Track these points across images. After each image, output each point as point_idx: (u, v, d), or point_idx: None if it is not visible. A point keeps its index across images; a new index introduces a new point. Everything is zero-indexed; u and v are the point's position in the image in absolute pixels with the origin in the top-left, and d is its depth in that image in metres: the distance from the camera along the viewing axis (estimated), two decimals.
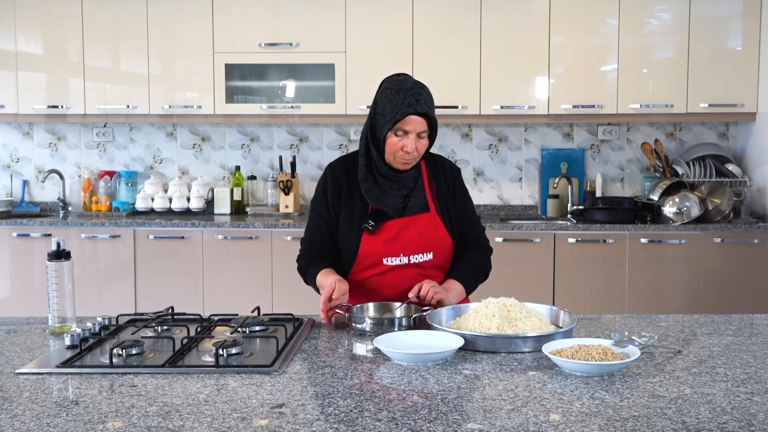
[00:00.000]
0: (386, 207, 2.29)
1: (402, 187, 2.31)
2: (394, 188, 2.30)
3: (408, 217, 2.31)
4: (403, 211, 2.31)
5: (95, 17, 4.72)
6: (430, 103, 2.22)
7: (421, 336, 1.94)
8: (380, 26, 4.63)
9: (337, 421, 1.41)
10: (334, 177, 2.37)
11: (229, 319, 2.18)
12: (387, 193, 2.30)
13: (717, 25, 4.56)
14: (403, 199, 2.31)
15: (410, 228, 2.30)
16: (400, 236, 2.30)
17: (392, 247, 2.30)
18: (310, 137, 5.11)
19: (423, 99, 2.20)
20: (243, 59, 4.71)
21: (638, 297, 4.38)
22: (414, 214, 2.32)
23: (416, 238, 2.30)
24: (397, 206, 2.30)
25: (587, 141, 5.03)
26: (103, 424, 1.41)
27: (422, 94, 2.21)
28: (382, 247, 2.29)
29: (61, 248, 2.06)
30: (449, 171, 2.43)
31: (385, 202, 2.29)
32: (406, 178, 2.31)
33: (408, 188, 2.32)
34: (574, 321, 2.00)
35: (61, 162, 5.21)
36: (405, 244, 2.30)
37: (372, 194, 2.29)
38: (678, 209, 4.40)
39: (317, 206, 2.40)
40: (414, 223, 2.31)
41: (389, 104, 2.21)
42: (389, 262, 2.31)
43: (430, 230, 2.32)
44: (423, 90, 2.22)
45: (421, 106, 2.19)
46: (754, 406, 1.49)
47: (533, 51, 4.59)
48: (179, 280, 4.54)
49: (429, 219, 2.33)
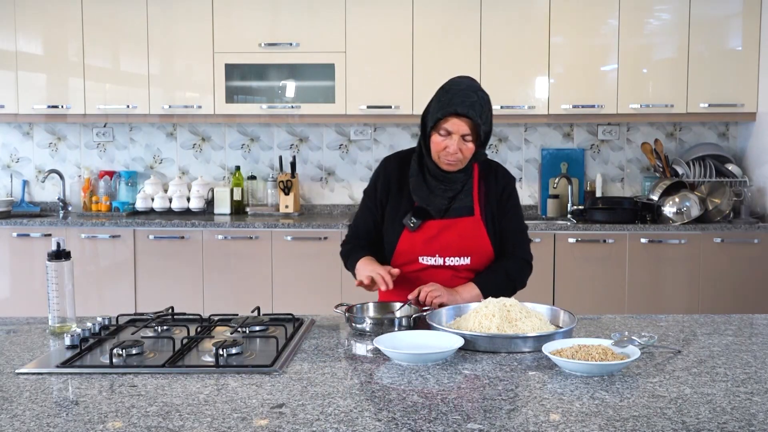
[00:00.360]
0: (430, 206, 2.29)
1: (449, 188, 2.29)
2: (441, 188, 2.28)
3: (450, 219, 2.29)
4: (446, 213, 2.29)
5: (95, 17, 4.72)
6: (478, 107, 2.16)
7: (421, 336, 1.94)
8: (380, 26, 4.63)
9: (337, 421, 1.41)
10: (386, 171, 2.40)
11: (229, 319, 2.18)
12: (434, 193, 2.28)
13: (717, 25, 4.56)
14: (448, 201, 2.29)
15: (450, 230, 2.29)
16: (438, 237, 2.29)
17: (429, 247, 2.29)
18: (310, 137, 5.11)
19: (470, 102, 2.15)
20: (243, 59, 4.71)
21: (638, 297, 4.38)
22: (457, 217, 2.29)
23: (455, 241, 2.29)
24: (441, 207, 2.29)
25: (587, 141, 5.03)
26: (103, 424, 1.41)
27: (472, 97, 2.17)
28: (420, 245, 2.30)
29: (61, 248, 2.06)
30: (502, 178, 2.37)
31: (430, 201, 2.28)
32: (455, 179, 2.28)
33: (455, 190, 2.29)
34: (574, 321, 2.00)
35: (61, 162, 5.21)
36: (442, 246, 2.29)
37: (419, 191, 2.29)
38: (678, 209, 4.40)
39: (367, 198, 2.44)
40: (455, 226, 2.29)
41: (437, 102, 2.22)
42: (425, 261, 2.31)
43: (471, 235, 2.29)
44: (476, 94, 2.18)
45: (463, 107, 2.15)
46: (754, 406, 1.49)
47: (533, 51, 4.59)
48: (179, 280, 4.54)
49: (471, 223, 2.30)
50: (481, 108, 2.18)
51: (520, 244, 2.38)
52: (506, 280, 2.31)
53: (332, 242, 4.45)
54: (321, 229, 4.48)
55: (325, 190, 5.13)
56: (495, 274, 2.31)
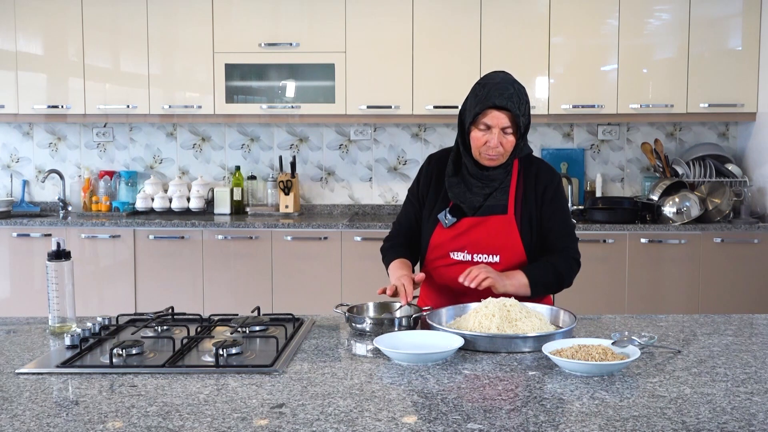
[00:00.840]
0: (464, 203, 2.28)
1: (486, 185, 2.27)
2: (478, 186, 2.27)
3: (481, 217, 2.28)
4: (479, 210, 2.28)
5: (95, 17, 4.72)
6: (516, 99, 2.16)
7: (421, 336, 1.94)
8: (380, 26, 4.62)
9: (337, 421, 1.41)
10: (429, 169, 2.41)
11: (229, 319, 2.18)
12: (470, 190, 2.27)
13: (717, 25, 4.56)
14: (483, 198, 2.27)
15: (480, 227, 2.28)
16: (468, 233, 2.28)
17: (457, 242, 2.29)
18: (310, 137, 5.11)
19: (507, 94, 2.15)
20: (243, 59, 4.71)
21: (638, 297, 4.38)
22: (488, 215, 2.27)
23: (484, 239, 2.27)
24: (475, 204, 2.27)
25: (587, 141, 5.03)
26: (103, 424, 1.41)
27: (509, 89, 2.17)
28: (449, 241, 2.29)
29: (61, 248, 2.06)
30: (543, 177, 2.33)
31: (465, 198, 2.27)
32: (494, 177, 2.26)
33: (492, 188, 2.28)
34: (574, 321, 2.00)
35: (61, 162, 5.21)
36: (470, 242, 2.28)
37: (455, 189, 2.29)
38: (678, 209, 4.40)
39: (410, 194, 2.45)
40: (485, 223, 2.27)
41: (474, 98, 2.22)
42: (455, 256, 2.30)
43: (501, 233, 2.27)
44: (512, 86, 2.18)
45: (502, 99, 2.14)
46: (754, 406, 1.49)
47: (533, 51, 4.59)
48: (179, 280, 4.54)
49: (503, 221, 2.27)
50: (519, 99, 2.18)
51: (567, 242, 2.33)
52: (554, 275, 2.26)
53: (332, 242, 4.45)
54: (321, 229, 4.48)
55: (325, 190, 5.13)
56: (544, 268, 2.25)
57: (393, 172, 5.10)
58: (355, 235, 4.45)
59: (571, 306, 2.14)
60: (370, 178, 5.10)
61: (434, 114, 4.65)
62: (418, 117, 4.69)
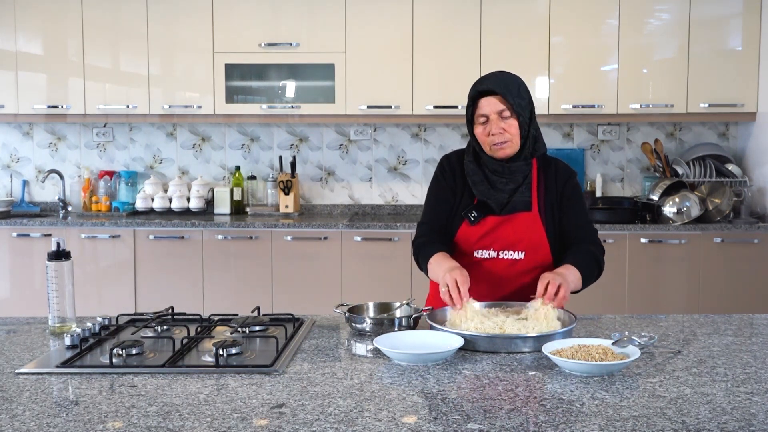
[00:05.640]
0: (491, 200, 2.27)
1: (510, 180, 2.27)
2: (502, 181, 2.27)
3: (508, 215, 2.27)
4: (505, 207, 2.28)
5: (95, 17, 4.72)
6: (503, 83, 2.18)
7: (421, 336, 1.94)
8: (380, 26, 4.62)
9: (337, 421, 1.41)
10: (450, 165, 2.38)
11: (229, 319, 2.18)
12: (495, 187, 2.27)
13: (717, 25, 4.56)
14: (509, 194, 2.27)
15: (506, 225, 2.27)
16: (494, 231, 2.28)
17: (484, 240, 2.28)
18: (310, 137, 5.11)
19: (494, 80, 2.18)
20: (243, 59, 4.71)
21: (638, 297, 4.38)
22: (514, 212, 2.27)
23: (510, 235, 2.27)
24: (502, 200, 2.27)
25: (587, 141, 5.03)
26: (103, 424, 1.41)
27: (498, 76, 2.21)
28: (475, 239, 2.29)
29: (61, 248, 2.06)
30: (562, 173, 2.35)
31: (491, 195, 2.27)
32: (515, 169, 2.26)
33: (517, 182, 2.27)
34: (574, 321, 2.00)
35: (61, 162, 5.21)
36: (496, 239, 2.27)
37: (480, 187, 2.28)
38: (678, 209, 4.40)
39: (437, 190, 2.38)
40: (511, 221, 2.28)
41: (468, 99, 2.26)
42: (480, 254, 2.29)
43: (527, 230, 2.27)
44: (500, 74, 2.22)
45: (486, 84, 2.18)
46: (754, 406, 1.49)
47: (533, 51, 4.59)
48: (179, 280, 4.54)
49: (528, 218, 2.28)
50: (506, 82, 2.19)
51: (590, 232, 2.35)
52: (595, 263, 2.28)
53: (332, 242, 4.45)
54: (321, 229, 4.48)
55: (325, 190, 5.13)
56: (585, 256, 2.25)
57: (393, 172, 5.10)
58: (355, 235, 4.45)
59: (571, 306, 2.14)
60: (370, 178, 5.10)
61: (434, 114, 4.65)
62: (418, 117, 4.69)
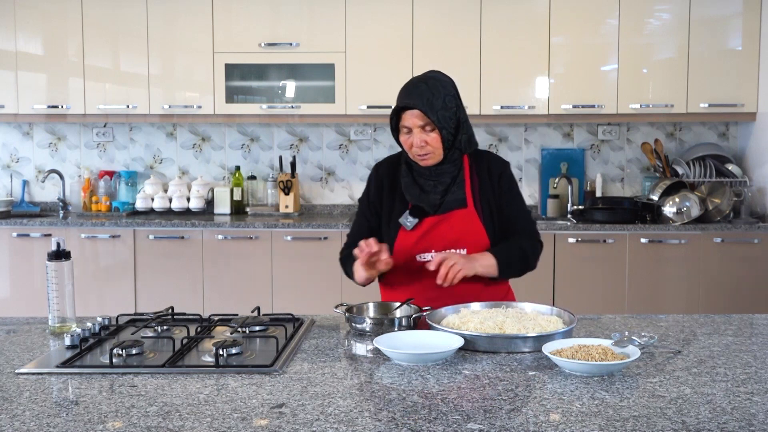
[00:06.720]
0: (424, 203, 2.29)
1: (439, 182, 2.29)
2: (431, 184, 2.29)
3: (443, 214, 2.29)
4: (440, 207, 2.29)
5: (95, 17, 4.72)
6: (427, 95, 2.17)
7: (421, 336, 1.94)
8: (380, 26, 4.62)
9: (337, 421, 1.41)
10: (377, 177, 2.41)
11: (229, 319, 2.18)
12: (425, 190, 2.29)
13: (717, 25, 4.56)
14: (441, 195, 2.29)
15: (443, 224, 2.29)
16: (431, 232, 2.29)
17: (423, 243, 2.29)
18: (310, 137, 5.11)
19: (416, 92, 2.17)
20: (243, 59, 4.71)
21: (638, 297, 4.38)
22: (450, 210, 2.29)
23: (448, 234, 2.28)
24: (435, 202, 2.29)
25: (587, 141, 5.03)
26: (103, 424, 1.41)
27: (419, 87, 2.18)
28: (414, 243, 2.30)
29: (61, 248, 2.06)
30: (495, 166, 2.36)
31: (422, 198, 2.29)
32: (443, 172, 2.28)
33: (446, 183, 2.29)
34: (574, 321, 2.00)
35: (61, 162, 5.21)
36: (436, 240, 2.28)
37: (411, 190, 2.30)
38: (678, 209, 4.40)
39: (361, 205, 2.46)
40: (448, 219, 2.29)
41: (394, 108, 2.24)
42: (423, 257, 2.30)
43: (465, 226, 2.29)
44: (425, 83, 2.19)
45: (407, 99, 2.17)
46: (754, 406, 1.49)
47: (533, 51, 4.59)
48: (179, 280, 4.54)
49: (465, 215, 2.29)
50: (431, 95, 2.17)
51: (529, 225, 2.36)
52: (521, 255, 2.29)
53: (332, 242, 4.45)
54: (321, 229, 4.48)
55: (325, 190, 5.13)
56: (511, 248, 2.28)
57: None
58: None
59: (571, 306, 2.14)
60: None
61: None
62: None
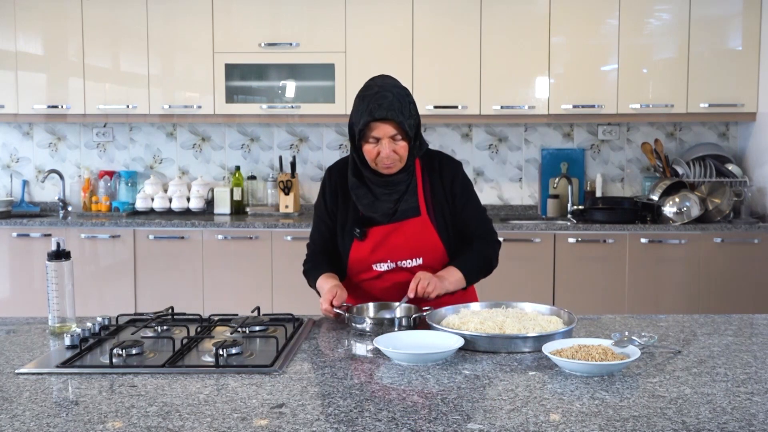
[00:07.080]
0: (377, 213, 2.26)
1: (393, 191, 2.26)
2: (385, 193, 2.26)
3: (396, 223, 2.27)
4: (393, 216, 2.27)
5: (95, 17, 4.72)
6: (397, 105, 2.14)
7: (421, 336, 1.94)
8: (380, 26, 4.62)
9: (337, 421, 1.41)
10: (331, 182, 2.37)
11: (229, 319, 2.18)
12: (379, 199, 2.26)
13: (717, 25, 4.56)
14: (394, 204, 2.27)
15: (397, 233, 2.27)
16: (386, 242, 2.27)
17: (379, 253, 2.28)
18: (310, 137, 5.11)
19: (387, 103, 2.13)
20: (243, 59, 4.71)
21: (638, 297, 4.38)
22: (403, 219, 2.27)
23: (403, 244, 2.27)
24: (387, 211, 2.26)
25: (587, 141, 5.03)
26: (103, 424, 1.41)
27: (388, 97, 2.14)
28: (369, 253, 2.28)
29: (61, 248, 2.06)
30: (447, 169, 2.33)
31: (376, 208, 2.26)
32: (398, 181, 2.25)
33: (400, 192, 2.27)
34: (574, 321, 2.00)
35: (61, 162, 5.21)
36: (391, 250, 2.27)
37: (363, 201, 2.27)
38: (678, 209, 4.40)
39: (318, 211, 2.41)
40: (401, 228, 2.27)
41: (356, 113, 2.20)
42: (378, 267, 2.29)
43: (419, 235, 2.27)
44: (390, 92, 2.15)
45: (381, 111, 2.12)
46: (754, 406, 1.49)
47: (533, 51, 4.59)
48: (179, 280, 4.54)
49: (418, 224, 2.28)
50: (400, 104, 2.15)
51: (484, 224, 2.38)
52: (484, 261, 2.33)
53: None
54: None
55: None
56: (472, 257, 2.31)
57: None
58: None
59: (571, 306, 2.14)
60: None
61: (434, 114, 4.65)
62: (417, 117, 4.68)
